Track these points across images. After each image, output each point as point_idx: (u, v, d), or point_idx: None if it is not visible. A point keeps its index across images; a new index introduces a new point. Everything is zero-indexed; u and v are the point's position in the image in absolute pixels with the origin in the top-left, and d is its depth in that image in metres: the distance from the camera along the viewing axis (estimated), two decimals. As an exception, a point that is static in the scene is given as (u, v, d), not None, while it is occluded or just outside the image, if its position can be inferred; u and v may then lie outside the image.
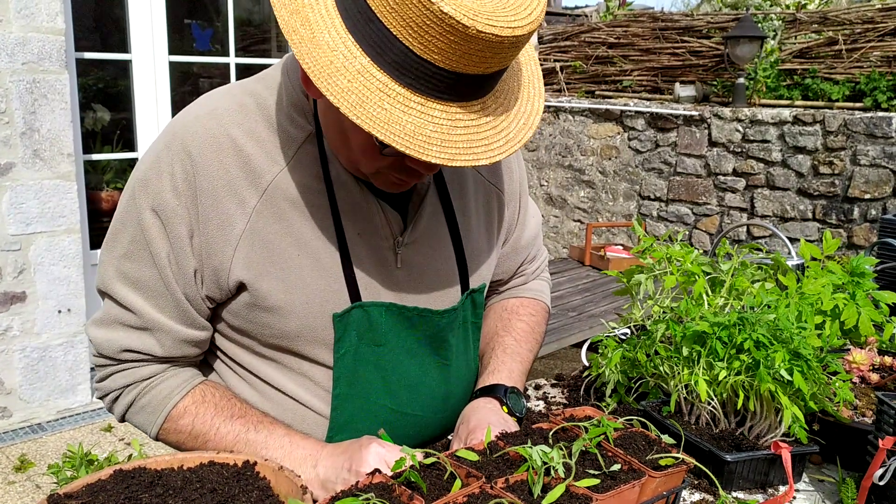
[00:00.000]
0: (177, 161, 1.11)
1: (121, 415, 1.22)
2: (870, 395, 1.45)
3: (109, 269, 1.17)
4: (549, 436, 1.13)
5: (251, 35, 5.68)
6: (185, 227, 1.11)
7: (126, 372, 1.19)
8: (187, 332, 1.17)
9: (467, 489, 0.95)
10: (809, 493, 1.26)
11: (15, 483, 3.59)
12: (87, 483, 0.87)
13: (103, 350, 1.18)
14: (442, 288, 1.28)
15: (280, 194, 1.14)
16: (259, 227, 1.12)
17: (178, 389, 1.18)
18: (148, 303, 1.15)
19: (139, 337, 1.16)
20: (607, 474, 1.02)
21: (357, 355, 1.21)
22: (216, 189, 1.11)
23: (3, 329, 3.99)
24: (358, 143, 1.07)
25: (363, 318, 1.20)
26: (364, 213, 1.19)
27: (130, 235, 1.15)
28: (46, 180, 4.02)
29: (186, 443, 1.18)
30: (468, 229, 1.32)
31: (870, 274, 1.55)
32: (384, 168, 1.10)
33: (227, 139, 1.12)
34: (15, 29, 3.83)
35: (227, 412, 1.17)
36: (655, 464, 1.08)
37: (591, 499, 0.96)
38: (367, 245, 1.20)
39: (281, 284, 1.14)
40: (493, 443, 1.10)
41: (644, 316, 1.57)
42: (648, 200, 6.34)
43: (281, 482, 0.91)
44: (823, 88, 5.66)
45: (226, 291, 1.15)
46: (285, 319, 1.16)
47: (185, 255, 1.12)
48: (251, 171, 1.12)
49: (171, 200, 1.11)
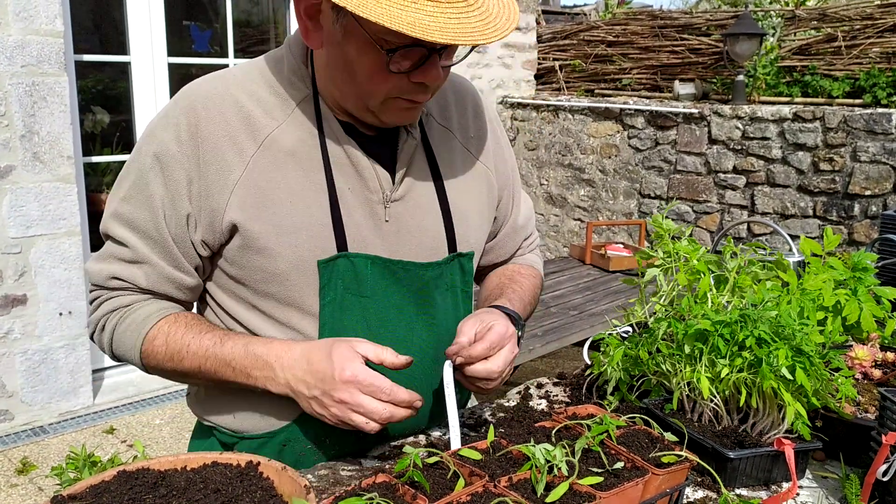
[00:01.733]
0: (182, 114, 1.22)
1: (109, 345, 1.30)
2: (872, 391, 1.45)
3: (111, 209, 1.27)
4: (552, 434, 1.13)
5: (250, 36, 5.69)
6: (184, 174, 1.21)
7: (112, 300, 1.28)
8: (171, 272, 1.26)
9: (471, 488, 0.95)
10: (813, 489, 1.26)
11: (17, 486, 3.59)
12: (91, 484, 0.87)
13: (95, 279, 1.29)
14: (428, 244, 1.34)
15: (276, 146, 1.23)
16: (255, 175, 1.21)
17: (155, 314, 1.26)
18: (140, 241, 1.24)
19: (128, 268, 1.26)
20: (610, 472, 1.02)
21: (343, 305, 1.26)
22: (217, 139, 1.20)
23: (5, 332, 3.99)
24: (366, 71, 1.15)
25: (349, 267, 1.25)
26: (355, 169, 1.27)
27: (132, 180, 1.25)
28: (46, 183, 4.03)
29: (165, 365, 1.26)
30: (456, 196, 1.38)
31: (871, 269, 1.55)
32: (392, 92, 1.17)
33: (231, 97, 1.23)
34: (14, 31, 3.83)
35: (197, 329, 1.25)
36: (659, 461, 1.08)
37: (595, 496, 0.95)
38: (356, 199, 1.27)
39: (272, 228, 1.21)
40: (496, 441, 1.10)
41: (646, 314, 1.57)
42: (649, 199, 6.34)
43: (284, 482, 0.91)
44: (823, 85, 5.66)
45: (219, 233, 1.23)
46: (275, 262, 1.23)
47: (181, 199, 1.21)
48: (251, 125, 1.22)
49: (173, 148, 1.21)
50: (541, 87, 7.23)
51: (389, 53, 1.11)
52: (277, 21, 5.58)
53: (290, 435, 1.32)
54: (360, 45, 1.12)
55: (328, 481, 1.21)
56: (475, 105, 1.46)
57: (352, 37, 1.13)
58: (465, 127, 1.43)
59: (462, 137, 1.42)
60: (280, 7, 5.44)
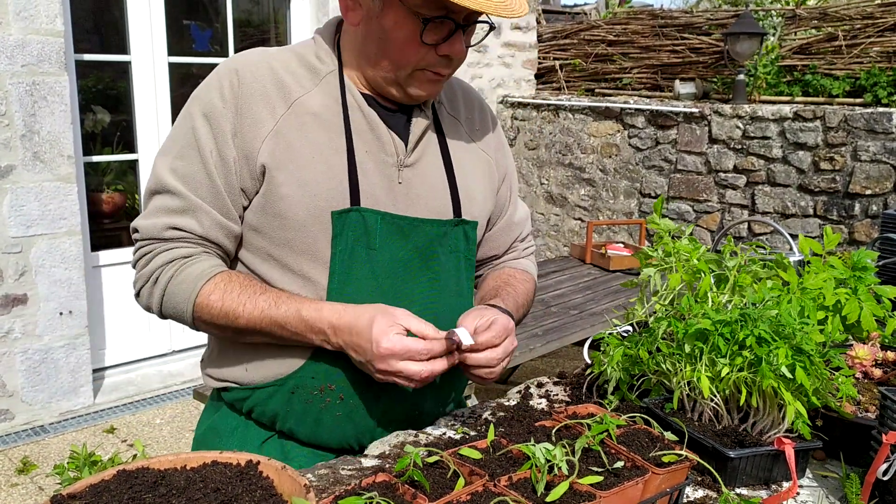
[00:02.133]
0: (225, 78, 1.38)
1: (160, 298, 1.37)
2: (873, 390, 1.45)
3: (163, 168, 1.38)
4: (553, 433, 1.13)
5: (250, 35, 5.68)
6: (229, 125, 1.35)
7: (169, 251, 1.36)
8: (221, 219, 1.37)
9: (471, 487, 0.95)
10: (813, 488, 1.26)
11: (18, 485, 3.59)
12: (91, 483, 0.87)
13: (148, 233, 1.37)
14: (435, 207, 1.46)
15: (303, 109, 1.38)
16: (283, 131, 1.36)
17: (210, 269, 1.36)
18: (193, 191, 1.36)
19: (181, 217, 1.36)
20: (610, 471, 1.02)
21: (352, 255, 1.38)
22: (254, 97, 1.36)
23: (5, 331, 4.00)
24: (401, 41, 1.31)
25: (359, 220, 1.37)
26: (374, 134, 1.41)
27: (183, 139, 1.38)
28: (47, 182, 4.03)
29: (217, 320, 1.34)
30: (461, 173, 1.51)
31: (871, 268, 1.54)
32: (421, 63, 1.33)
33: (266, 65, 1.40)
34: (14, 31, 3.83)
35: (251, 289, 1.35)
36: (659, 460, 1.08)
37: (595, 496, 0.95)
38: (373, 161, 1.40)
39: (294, 178, 1.35)
40: (496, 441, 1.09)
41: (646, 313, 1.57)
42: (649, 198, 6.34)
43: (284, 481, 0.91)
44: (823, 84, 5.66)
45: (255, 179, 1.36)
46: (294, 210, 1.35)
47: (228, 147, 1.35)
48: (283, 89, 1.38)
49: (218, 105, 1.36)
50: (541, 87, 7.23)
51: (425, 22, 1.27)
52: (278, 20, 5.58)
53: (298, 382, 1.41)
54: (398, 16, 1.29)
55: (328, 480, 1.21)
56: (481, 106, 1.62)
57: (390, 10, 1.29)
58: (471, 120, 1.58)
59: (468, 128, 1.57)
60: (280, 7, 5.44)
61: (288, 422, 1.44)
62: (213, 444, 1.53)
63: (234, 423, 1.51)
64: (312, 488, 0.89)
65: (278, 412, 1.44)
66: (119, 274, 4.69)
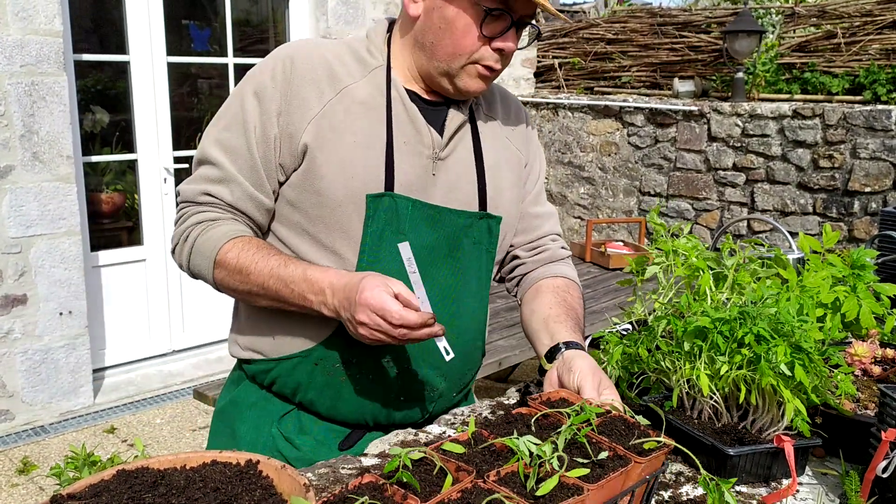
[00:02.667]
0: (279, 60, 1.47)
1: (188, 256, 1.47)
2: (872, 387, 1.45)
3: (210, 139, 1.49)
4: (532, 423, 1.13)
5: (249, 35, 5.68)
6: (276, 106, 1.44)
7: (199, 213, 1.48)
8: (253, 191, 1.46)
9: (460, 485, 0.94)
10: (813, 486, 1.26)
11: (18, 485, 3.59)
12: (90, 483, 0.87)
13: (186, 196, 1.50)
14: (463, 199, 1.54)
15: (350, 97, 1.46)
16: (329, 115, 1.44)
17: (231, 232, 1.45)
18: (231, 162, 1.46)
19: (216, 186, 1.47)
20: (595, 462, 1.02)
21: (382, 237, 1.45)
22: (303, 81, 1.45)
23: (5, 332, 4.00)
24: (461, 30, 1.40)
25: (392, 205, 1.45)
26: (413, 126, 1.49)
27: (232, 113, 1.47)
28: (46, 182, 4.03)
29: (232, 277, 1.43)
30: (490, 170, 1.58)
31: (870, 266, 1.55)
32: (475, 56, 1.42)
33: (319, 54, 1.48)
34: (13, 31, 3.83)
35: (266, 251, 1.43)
36: (640, 448, 1.08)
37: (583, 489, 0.95)
38: (410, 151, 1.48)
39: (335, 158, 1.43)
40: (478, 433, 1.09)
41: (646, 311, 1.57)
42: (649, 196, 6.34)
43: (284, 480, 0.91)
44: (823, 82, 5.66)
45: (295, 157, 1.44)
46: (331, 188, 1.43)
47: (271, 125, 1.44)
48: (332, 77, 1.47)
49: (269, 85, 1.45)
50: (540, 85, 7.23)
51: (487, 12, 1.37)
52: (277, 20, 5.57)
53: (322, 354, 1.48)
54: (461, 6, 1.39)
55: (328, 479, 1.21)
56: (517, 109, 1.71)
57: (454, 0, 1.39)
58: (507, 121, 1.66)
59: (503, 127, 1.64)
60: (279, 6, 5.44)
61: (309, 393, 1.51)
62: (232, 416, 1.59)
63: (255, 398, 1.57)
64: (312, 487, 0.89)
65: (301, 383, 1.51)
66: (119, 274, 4.69)
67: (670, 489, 1.20)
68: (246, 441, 1.54)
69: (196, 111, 5.68)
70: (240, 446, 1.53)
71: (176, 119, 4.92)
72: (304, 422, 1.54)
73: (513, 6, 1.38)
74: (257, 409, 1.56)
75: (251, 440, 1.54)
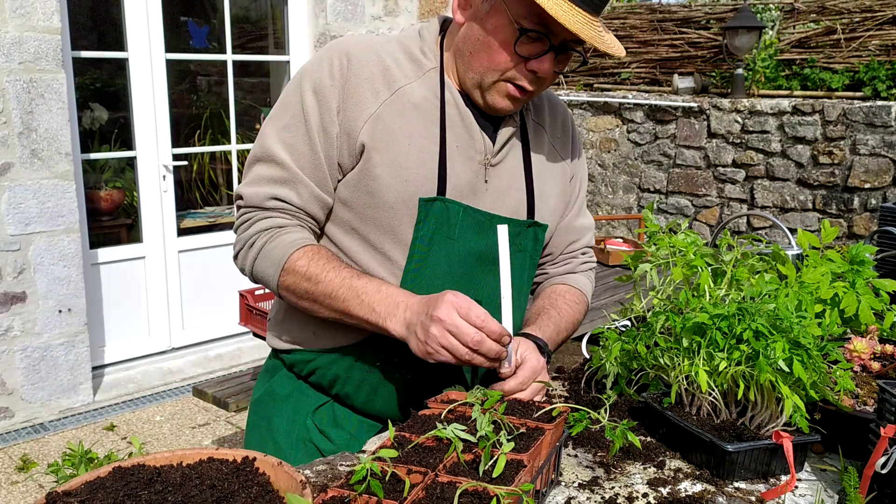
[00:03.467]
0: (335, 58, 1.45)
1: (252, 262, 1.46)
2: (871, 383, 1.45)
3: (271, 137, 1.46)
4: (443, 418, 1.15)
5: (248, 32, 5.67)
6: (335, 102, 1.43)
7: (267, 219, 1.46)
8: (318, 192, 1.46)
9: (422, 484, 0.96)
10: (811, 482, 1.26)
11: (18, 483, 3.60)
12: (86, 480, 0.87)
13: (252, 201, 1.46)
14: (511, 207, 1.54)
15: (405, 98, 1.45)
16: (384, 115, 1.43)
17: (302, 239, 1.44)
18: (296, 163, 1.44)
19: (282, 188, 1.45)
20: (518, 437, 1.10)
21: (432, 241, 1.45)
22: (360, 80, 1.43)
23: (4, 329, 3.99)
24: (496, 45, 1.39)
25: (443, 210, 1.45)
26: (466, 131, 1.48)
27: (292, 112, 1.45)
28: (45, 180, 4.02)
29: (300, 284, 1.41)
30: (538, 178, 1.58)
31: (869, 262, 1.54)
32: (507, 74, 1.41)
33: (375, 52, 1.47)
34: (11, 28, 3.82)
35: (337, 262, 1.43)
36: (546, 417, 1.17)
37: (525, 462, 1.01)
38: (462, 156, 1.47)
39: (389, 160, 1.42)
40: (399, 436, 1.12)
41: (645, 308, 1.57)
42: (648, 193, 6.33)
43: (280, 477, 0.91)
44: (822, 78, 5.65)
45: (353, 156, 1.44)
46: (384, 190, 1.42)
47: (332, 123, 1.43)
48: (388, 77, 1.45)
49: (327, 82, 1.43)
50: (540, 82, 7.22)
51: (521, 32, 1.35)
52: (276, 17, 5.56)
53: (363, 351, 1.49)
54: (500, 21, 1.37)
55: (325, 476, 1.20)
56: (564, 116, 1.69)
57: (495, 14, 1.37)
58: (554, 128, 1.64)
59: (550, 135, 1.63)
60: (278, 3, 5.43)
61: (346, 387, 1.53)
62: (269, 407, 1.60)
63: (290, 389, 1.59)
64: (309, 484, 0.88)
65: (339, 376, 1.52)
66: (118, 271, 4.69)
67: (668, 485, 1.20)
68: (282, 433, 1.56)
69: (195, 108, 5.67)
70: (276, 438, 1.55)
71: (175, 116, 4.91)
72: (339, 415, 1.56)
73: (553, 29, 1.35)
74: (292, 401, 1.58)
75: (287, 431, 1.56)
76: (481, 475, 1.01)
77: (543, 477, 1.10)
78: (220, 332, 5.12)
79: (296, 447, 1.54)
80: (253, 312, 4.14)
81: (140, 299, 4.80)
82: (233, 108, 5.08)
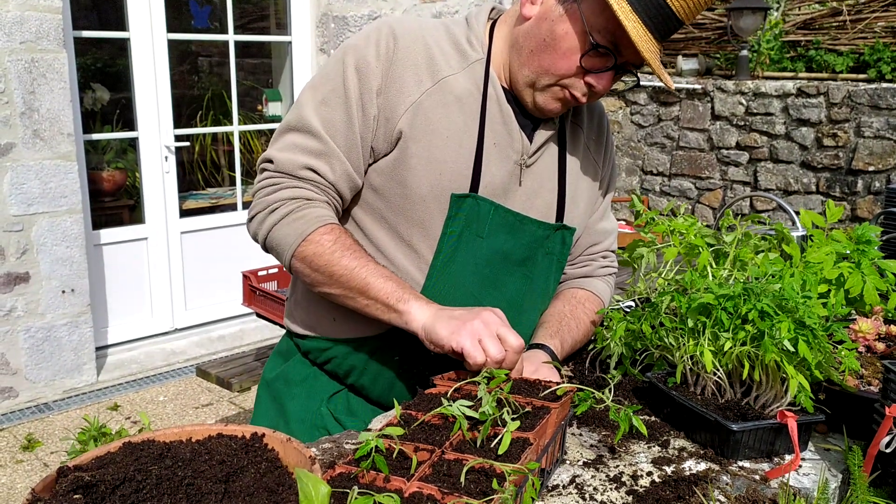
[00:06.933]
0: (383, 37, 1.41)
1: (269, 227, 1.40)
2: (876, 363, 1.45)
3: (308, 108, 1.42)
4: (448, 396, 1.15)
5: (249, 12, 5.64)
6: (377, 83, 1.39)
7: (297, 189, 1.41)
8: (350, 170, 1.42)
9: (429, 461, 0.96)
10: (815, 461, 1.26)
11: (23, 462, 3.62)
12: (97, 455, 0.88)
13: (285, 167, 1.41)
14: (542, 209, 1.52)
15: (448, 88, 1.42)
16: (425, 105, 1.40)
17: (328, 217, 1.40)
18: (332, 138, 1.40)
19: (318, 160, 1.40)
20: (523, 416, 1.09)
21: (461, 237, 1.44)
22: (405, 65, 1.40)
23: (8, 309, 4.01)
24: (563, 51, 1.36)
25: (474, 207, 1.43)
26: (506, 128, 1.45)
27: (332, 85, 1.41)
28: (47, 160, 4.02)
29: (317, 258, 1.37)
30: (571, 181, 1.57)
31: (875, 242, 1.54)
32: (564, 80, 1.38)
33: (421, 38, 1.43)
34: (12, 7, 3.80)
35: (360, 248, 1.40)
36: (553, 396, 1.17)
37: (530, 440, 1.02)
38: (499, 153, 1.45)
39: (425, 152, 1.40)
40: (405, 414, 1.12)
41: (649, 289, 1.57)
42: (651, 175, 6.32)
43: (289, 453, 0.91)
44: (827, 60, 5.62)
45: (389, 142, 1.41)
46: (418, 182, 1.40)
47: (371, 104, 1.40)
48: (432, 65, 1.42)
49: (372, 61, 1.39)
50: (543, 63, 7.18)
51: (593, 46, 1.34)
52: (277, -3, 5.53)
53: (382, 343, 1.47)
54: (572, 29, 1.34)
55: (332, 454, 1.21)
56: (601, 117, 1.67)
57: (569, 20, 1.35)
58: (591, 129, 1.62)
59: (587, 136, 1.61)
60: (280, -18, 5.39)
61: (363, 378, 1.52)
62: (282, 392, 1.59)
63: (304, 374, 1.57)
64: (318, 461, 0.89)
65: (355, 366, 1.51)
66: (121, 252, 4.69)
67: (673, 464, 1.20)
68: (295, 418, 1.55)
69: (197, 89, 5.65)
70: (289, 423, 1.55)
71: (176, 97, 4.89)
72: (353, 403, 1.55)
73: (621, 51, 1.35)
74: (306, 387, 1.56)
75: (300, 417, 1.55)
76: (483, 449, 1.01)
77: (549, 455, 1.11)
78: (222, 314, 5.13)
79: (310, 433, 1.53)
80: (256, 293, 4.15)
81: (143, 280, 4.80)
82: (234, 88, 5.06)
